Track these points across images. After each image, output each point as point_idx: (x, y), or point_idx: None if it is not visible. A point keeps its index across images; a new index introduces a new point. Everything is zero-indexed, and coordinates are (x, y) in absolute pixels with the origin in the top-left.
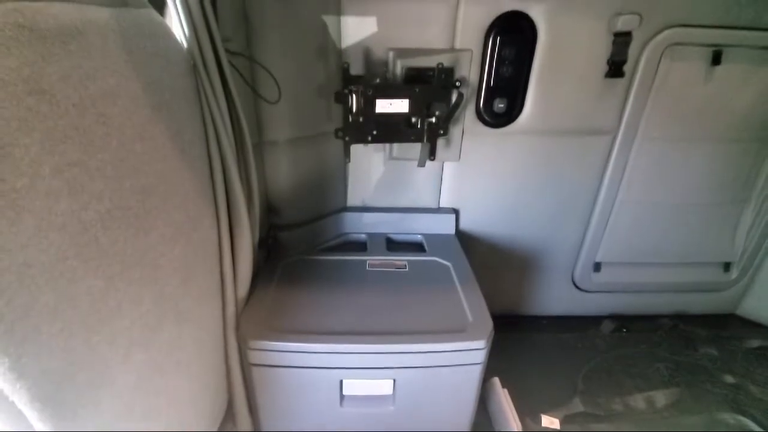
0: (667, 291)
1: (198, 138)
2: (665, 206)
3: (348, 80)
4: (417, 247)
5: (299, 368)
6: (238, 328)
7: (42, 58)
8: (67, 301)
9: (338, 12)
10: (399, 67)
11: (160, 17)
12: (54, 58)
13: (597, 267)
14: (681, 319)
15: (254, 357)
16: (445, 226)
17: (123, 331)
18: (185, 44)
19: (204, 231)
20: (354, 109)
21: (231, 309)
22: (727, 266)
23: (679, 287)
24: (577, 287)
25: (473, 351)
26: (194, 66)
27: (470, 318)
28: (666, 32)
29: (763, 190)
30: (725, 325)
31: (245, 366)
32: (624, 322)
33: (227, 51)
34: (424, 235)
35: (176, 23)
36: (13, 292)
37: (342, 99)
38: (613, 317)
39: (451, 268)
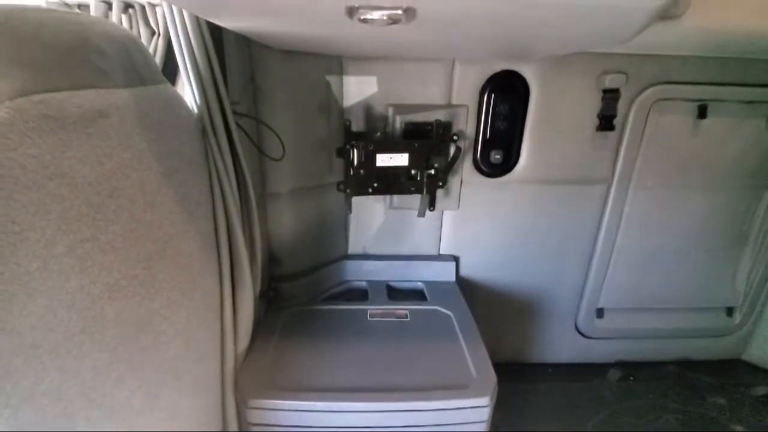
0: (672, 337)
1: (204, 198)
2: (663, 252)
3: (349, 136)
4: (418, 295)
5: (299, 428)
6: (236, 385)
7: (63, 144)
8: (72, 378)
9: (340, 72)
10: (398, 122)
11: (174, 90)
12: (75, 143)
13: (600, 313)
14: (687, 365)
15: (253, 417)
16: (445, 273)
17: (123, 402)
18: (196, 110)
19: (206, 288)
20: (355, 163)
21: (230, 365)
22: (730, 311)
23: (683, 333)
24: (581, 334)
25: (478, 408)
26: (203, 130)
27: (474, 373)
28: (652, 89)
29: (759, 236)
30: (732, 371)
31: (243, 427)
32: (630, 369)
33: (234, 113)
34: (424, 282)
35: (188, 91)
36: (20, 375)
37: (344, 154)
38: (619, 365)
39: (453, 318)
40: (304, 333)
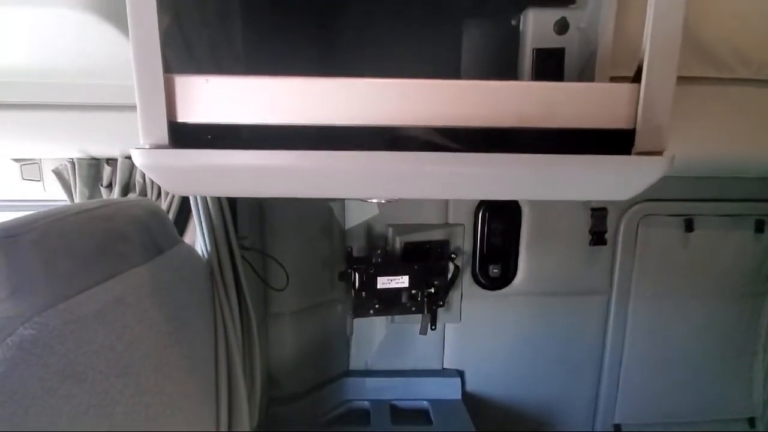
0: None
1: (208, 337)
2: (674, 362)
3: (351, 261)
4: (423, 417)
5: None
6: None
7: (82, 341)
8: None
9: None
10: (398, 242)
11: (187, 246)
12: (91, 336)
13: (618, 429)
14: None
15: None
16: (450, 390)
17: None
18: (206, 255)
19: None
20: (357, 286)
21: None
22: (752, 422)
23: None
24: None
25: None
26: (211, 272)
27: None
28: (638, 206)
29: (767, 342)
30: None
31: None
32: None
33: (242, 247)
34: (429, 401)
35: (200, 237)
36: None
37: (346, 278)
38: None
39: None
40: None
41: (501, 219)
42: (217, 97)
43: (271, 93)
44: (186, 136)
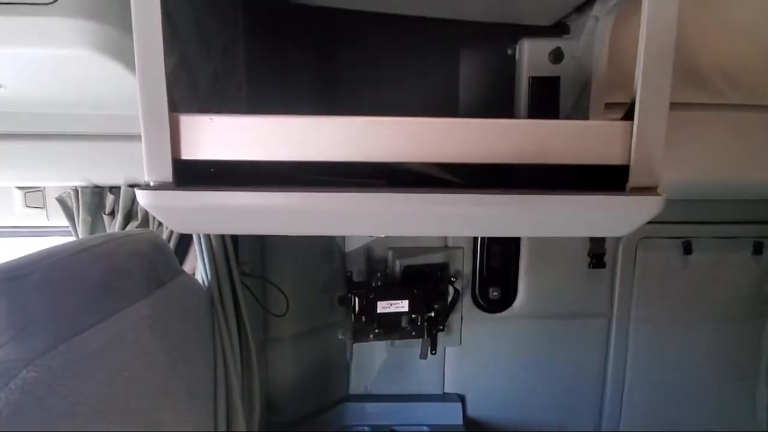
0: None
1: (208, 370)
2: (676, 384)
3: (351, 286)
4: None
5: None
6: None
7: (82, 381)
8: None
9: None
10: (398, 266)
11: (188, 276)
12: (93, 374)
13: None
14: None
15: None
16: (451, 415)
17: None
18: (206, 283)
19: None
20: (356, 311)
21: None
22: None
23: None
24: None
25: None
26: (212, 299)
27: None
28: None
29: None
30: None
31: None
32: None
33: (242, 273)
34: (430, 426)
35: (200, 265)
36: None
37: (345, 302)
38: None
39: None
40: None
41: (500, 242)
42: (220, 136)
43: (273, 131)
44: (189, 171)
